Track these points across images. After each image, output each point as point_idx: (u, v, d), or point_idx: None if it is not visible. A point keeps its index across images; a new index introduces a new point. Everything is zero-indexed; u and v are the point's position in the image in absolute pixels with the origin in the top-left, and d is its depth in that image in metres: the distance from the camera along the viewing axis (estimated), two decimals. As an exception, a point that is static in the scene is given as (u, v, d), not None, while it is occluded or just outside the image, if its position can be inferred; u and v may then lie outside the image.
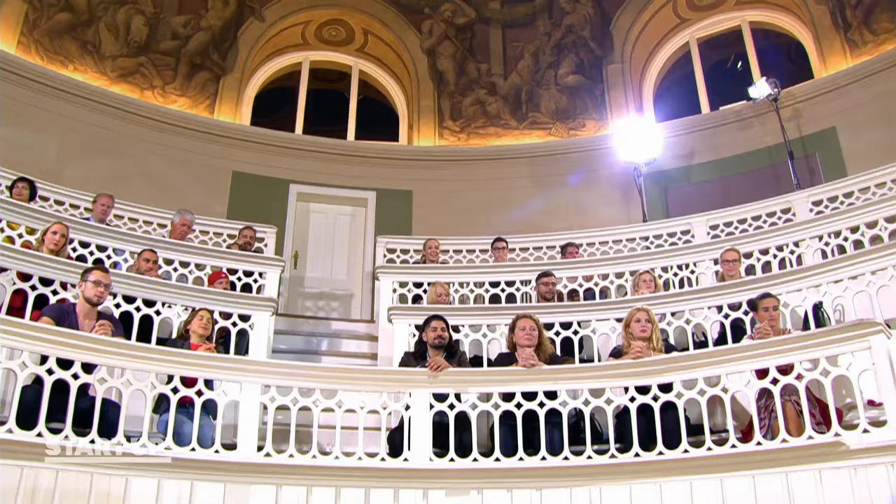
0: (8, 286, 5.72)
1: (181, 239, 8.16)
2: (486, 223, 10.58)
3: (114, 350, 4.67)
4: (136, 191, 9.52)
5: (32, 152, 9.61)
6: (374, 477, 4.77)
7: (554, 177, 11.39)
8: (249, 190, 10.85)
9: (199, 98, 11.52)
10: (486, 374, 5.41)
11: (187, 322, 5.77)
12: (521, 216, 10.88)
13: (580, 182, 11.25)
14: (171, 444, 4.57)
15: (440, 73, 12.40)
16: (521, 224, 10.49)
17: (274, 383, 4.90)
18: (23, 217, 7.07)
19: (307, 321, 9.46)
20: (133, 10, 11.33)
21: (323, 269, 10.91)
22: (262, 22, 12.15)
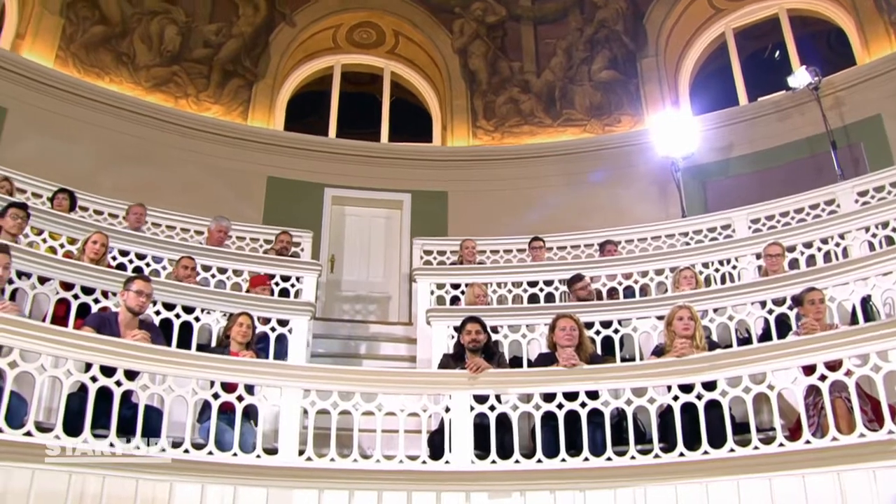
0: (51, 295, 5.79)
1: (218, 245, 8.22)
2: (521, 222, 10.51)
3: (155, 357, 4.71)
4: (172, 198, 9.62)
5: (71, 163, 9.76)
6: (415, 480, 4.74)
7: (589, 174, 11.29)
8: (285, 195, 10.90)
9: (232, 105, 11.61)
10: (526, 375, 5.36)
11: (227, 328, 5.79)
12: (558, 214, 10.78)
13: (616, 179, 11.13)
14: (214, 450, 4.59)
15: (472, 72, 12.35)
16: (558, 222, 10.38)
17: (314, 387, 4.90)
18: (64, 227, 7.17)
19: (345, 325, 9.52)
20: (165, 20, 11.46)
21: (359, 273, 10.93)
22: (292, 27, 12.21)
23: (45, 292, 5.78)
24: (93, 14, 11.01)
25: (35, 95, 10.05)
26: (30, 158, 9.32)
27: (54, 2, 10.71)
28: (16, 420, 4.15)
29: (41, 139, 9.81)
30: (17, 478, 4.00)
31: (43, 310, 5.79)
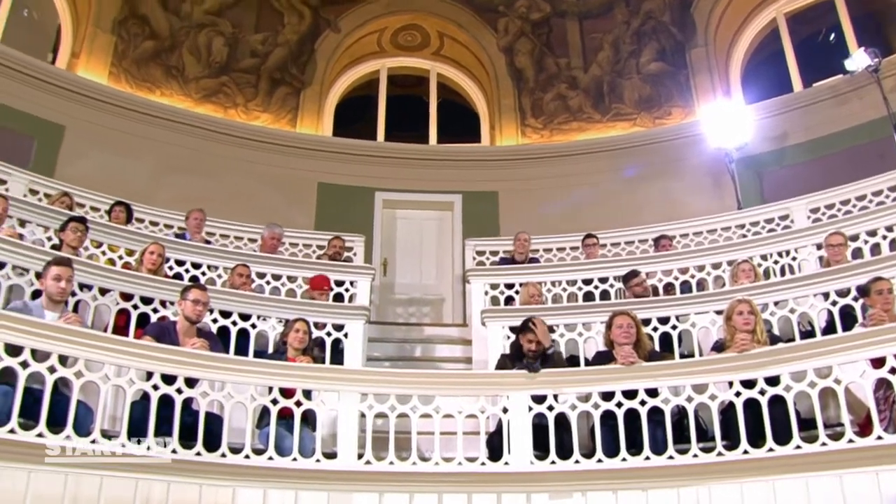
0: (112, 306, 5.92)
1: (272, 252, 8.29)
2: (573, 220, 10.38)
3: (214, 364, 4.78)
4: (224, 207, 9.73)
5: (126, 176, 9.97)
6: (475, 482, 4.72)
7: (641, 168, 11.13)
8: (335, 200, 10.97)
9: (280, 112, 11.74)
10: (583, 374, 5.29)
11: (284, 335, 5.85)
12: (610, 210, 10.64)
13: (668, 172, 10.96)
14: (274, 455, 4.63)
15: (519, 70, 12.29)
16: (610, 218, 10.24)
17: (371, 391, 4.92)
18: (122, 239, 7.32)
19: (399, 328, 9.57)
20: (213, 32, 11.65)
21: (412, 275, 10.95)
22: (337, 33, 12.30)
23: (105, 303, 5.91)
24: (143, 30, 11.26)
25: (91, 112, 10.30)
26: (87, 173, 9.56)
27: (106, 20, 10.99)
28: (83, 428, 4.25)
29: (98, 154, 10.04)
30: (86, 484, 4.09)
31: (104, 320, 5.92)
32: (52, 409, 4.14)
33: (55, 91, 10.12)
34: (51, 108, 10.02)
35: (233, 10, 11.84)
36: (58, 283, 4.91)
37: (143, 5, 11.30)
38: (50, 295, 4.92)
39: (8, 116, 9.63)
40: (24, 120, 9.77)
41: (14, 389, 4.08)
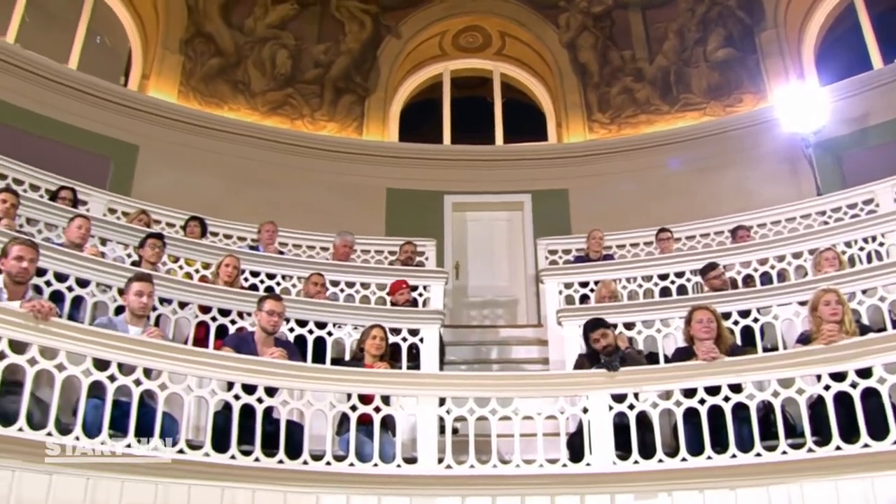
0: (191, 319, 6.04)
1: (344, 260, 8.36)
2: (646, 214, 10.17)
3: (293, 373, 4.85)
4: (295, 218, 9.82)
5: (198, 191, 10.19)
6: (557, 483, 4.67)
7: (713, 158, 10.86)
8: (405, 205, 11.00)
9: (346, 121, 11.85)
10: (664, 371, 5.16)
11: (360, 341, 5.88)
12: (683, 203, 10.40)
13: (742, 160, 10.66)
14: (355, 461, 4.66)
15: (583, 65, 12.14)
16: (684, 211, 10.01)
17: (449, 395, 4.92)
18: (198, 253, 7.48)
19: (474, 330, 9.52)
20: (276, 45, 11.83)
21: (485, 277, 10.90)
22: (398, 39, 12.35)
23: (185, 316, 6.02)
24: (209, 48, 11.52)
25: (162, 130, 10.58)
26: (162, 190, 9.79)
27: (173, 41, 11.27)
28: (169, 440, 4.35)
29: (171, 171, 10.29)
30: (174, 493, 4.19)
31: (184, 333, 6.03)
32: (139, 420, 4.25)
33: (128, 112, 10.43)
34: (125, 128, 10.33)
35: (294, 23, 12.01)
36: (140, 298, 5.04)
37: (208, 24, 11.55)
38: (133, 310, 5.05)
39: (85, 139, 9.96)
40: (100, 142, 10.09)
41: (103, 402, 4.20)
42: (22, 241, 4.76)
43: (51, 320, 4.14)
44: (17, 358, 3.99)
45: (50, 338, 4.12)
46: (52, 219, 6.97)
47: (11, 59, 9.66)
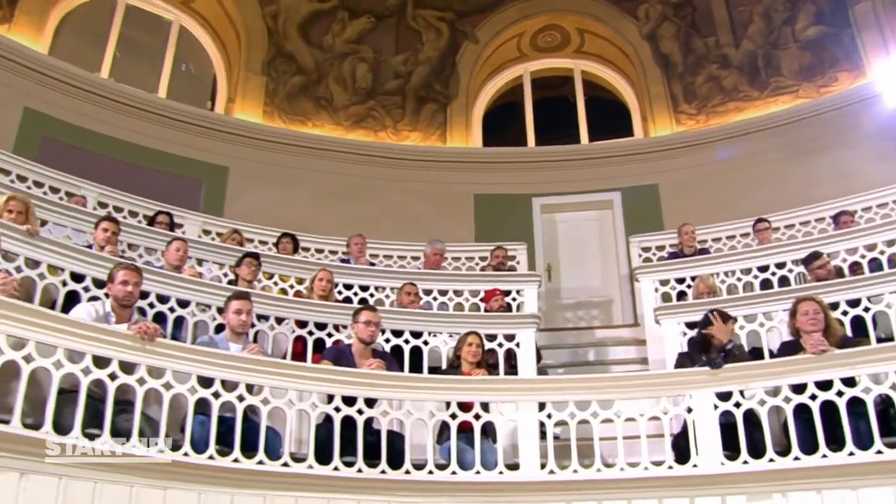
0: (288, 334, 6.13)
1: (435, 268, 8.37)
2: (740, 205, 9.83)
3: (391, 383, 4.89)
4: (384, 229, 9.90)
5: (287, 208, 10.36)
6: (664, 486, 4.58)
7: (809, 142, 10.42)
8: (493, 210, 10.94)
9: (429, 130, 11.89)
10: (770, 367, 4.95)
11: (457, 349, 5.87)
12: (778, 191, 10.04)
13: (840, 142, 10.20)
14: (457, 469, 4.65)
15: (665, 56, 11.86)
16: (780, 199, 9.65)
17: (549, 399, 4.88)
18: (291, 269, 7.59)
19: (569, 333, 9.42)
20: (355, 59, 11.97)
21: (577, 278, 10.73)
22: (476, 44, 12.32)
23: (282, 332, 6.12)
24: (290, 67, 11.73)
25: (250, 151, 10.83)
26: (252, 209, 10.04)
27: (256, 62, 11.54)
28: (273, 452, 4.45)
29: (260, 190, 10.52)
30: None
31: (282, 348, 6.13)
32: (243, 435, 4.35)
33: (217, 135, 10.73)
34: (215, 151, 10.63)
35: (372, 36, 12.12)
36: (239, 315, 5.15)
37: (288, 43, 11.77)
38: (232, 328, 5.17)
39: (178, 164, 10.32)
40: (192, 166, 10.43)
41: (209, 419, 4.32)
42: (126, 266, 4.93)
43: (156, 341, 4.28)
44: (127, 378, 4.13)
45: (157, 358, 4.26)
46: (151, 243, 7.18)
47: (107, 94, 10.12)
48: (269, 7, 11.67)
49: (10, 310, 3.87)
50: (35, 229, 5.57)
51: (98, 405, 4.07)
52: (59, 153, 9.20)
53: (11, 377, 3.90)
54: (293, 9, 11.79)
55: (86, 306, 4.84)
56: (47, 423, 3.81)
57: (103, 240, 6.26)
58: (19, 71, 9.51)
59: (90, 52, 10.84)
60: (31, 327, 3.89)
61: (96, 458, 3.88)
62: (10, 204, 5.76)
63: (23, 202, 5.87)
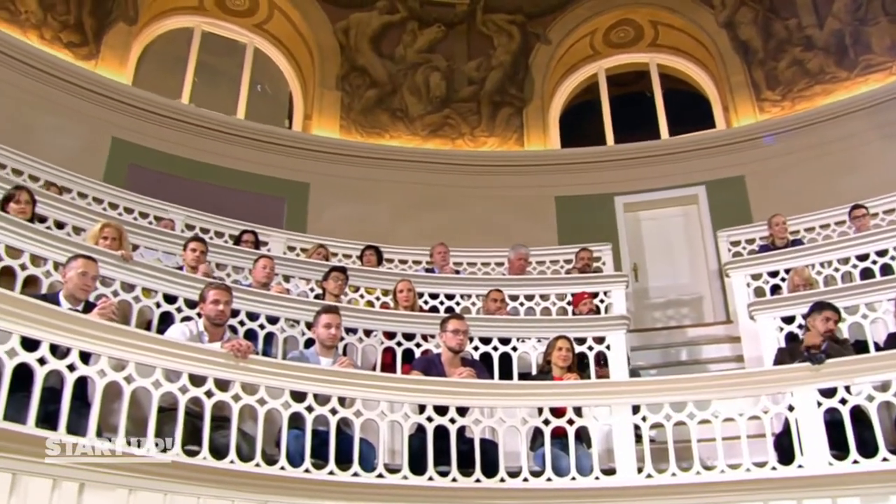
0: (377, 346, 6.16)
1: (520, 273, 8.29)
2: (833, 192, 9.43)
3: (482, 391, 4.86)
4: (466, 236, 9.91)
5: (369, 220, 10.49)
6: (769, 488, 4.42)
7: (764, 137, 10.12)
8: (575, 212, 10.80)
9: (506, 134, 11.83)
10: (878, 360, 4.72)
11: (546, 354, 5.81)
12: (873, 175, 9.58)
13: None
14: (552, 476, 4.59)
15: (744, 43, 11.48)
16: (876, 184, 9.17)
17: (643, 401, 4.77)
18: (376, 281, 7.63)
19: (660, 333, 9.24)
20: (428, 68, 12.00)
21: (665, 277, 10.52)
22: (548, 45, 12.20)
23: (371, 343, 6.16)
24: (364, 80, 11.83)
25: (329, 166, 10.96)
26: (334, 223, 10.20)
27: (330, 79, 11.69)
28: (367, 464, 4.46)
29: (341, 204, 10.67)
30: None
31: (371, 360, 6.18)
32: (338, 448, 4.38)
33: (296, 153, 10.92)
34: (295, 168, 10.82)
35: (443, 44, 12.14)
36: (328, 329, 5.19)
37: (361, 57, 11.88)
38: (322, 341, 5.21)
39: (260, 183, 10.54)
40: (273, 184, 10.63)
41: (303, 432, 4.36)
42: (217, 286, 5.04)
43: (249, 358, 4.35)
44: (222, 395, 4.21)
45: (250, 374, 4.33)
46: (238, 262, 7.35)
47: (188, 119, 10.46)
48: (339, 23, 11.83)
49: (110, 333, 4.00)
50: (129, 254, 5.77)
51: (196, 422, 4.17)
52: (145, 179, 9.56)
53: (114, 397, 4.03)
54: (364, 23, 11.92)
55: (180, 326, 4.98)
56: (149, 440, 3.91)
57: (193, 260, 6.43)
58: (106, 103, 9.93)
59: (170, 80, 11.23)
60: (130, 349, 4.01)
61: (198, 474, 3.98)
62: (105, 231, 5.95)
63: (116, 229, 6.06)
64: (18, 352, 3.63)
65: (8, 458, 3.43)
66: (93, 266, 4.71)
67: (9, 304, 3.68)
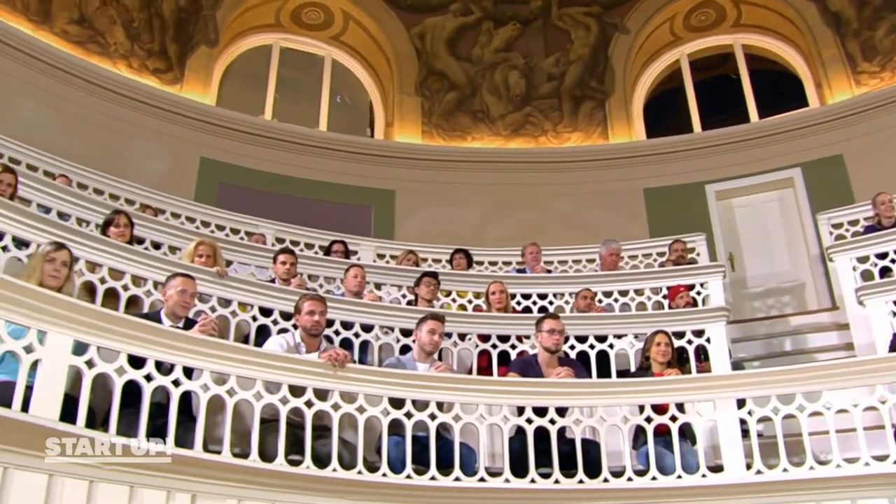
0: (472, 349, 6.14)
1: (612, 269, 8.15)
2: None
3: (582, 391, 4.80)
4: (555, 234, 9.79)
5: (456, 223, 10.51)
6: (891, 484, 4.19)
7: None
8: (665, 203, 10.59)
9: (589, 128, 11.67)
10: None
11: (644, 350, 5.68)
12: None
13: None
14: (657, 474, 4.49)
15: (835, 14, 10.96)
16: None
17: (748, 395, 4.61)
18: (467, 284, 7.60)
19: (761, 323, 8.94)
20: (506, 67, 11.94)
21: (763, 265, 10.16)
22: (627, 34, 11.98)
23: (466, 347, 6.15)
24: (443, 84, 11.87)
25: (414, 172, 11.03)
26: (421, 228, 10.30)
27: (409, 85, 11.77)
28: (469, 468, 4.44)
29: (427, 209, 10.74)
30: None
31: (467, 364, 6.16)
32: (438, 453, 4.38)
33: (380, 161, 11.02)
34: (380, 176, 10.91)
35: (520, 42, 12.06)
36: (432, 336, 5.18)
37: (438, 62, 11.92)
38: (423, 346, 5.21)
39: (346, 193, 10.70)
40: (359, 193, 10.77)
41: (403, 439, 4.38)
42: (312, 297, 5.10)
43: (347, 367, 4.39)
44: (322, 405, 4.26)
45: (348, 383, 4.36)
46: (329, 272, 7.44)
47: (272, 134, 10.71)
48: (414, 28, 11.90)
49: (212, 348, 4.09)
50: (223, 270, 5.90)
51: (297, 432, 4.23)
52: (234, 196, 9.83)
53: (217, 411, 4.13)
54: (439, 26, 11.96)
55: (277, 339, 5.05)
56: (254, 451, 3.98)
57: (284, 272, 6.54)
58: (193, 125, 10.27)
59: (253, 98, 11.52)
60: (231, 363, 4.09)
61: (302, 482, 4.03)
62: (200, 249, 6.10)
63: (210, 246, 6.21)
64: (126, 369, 3.75)
65: (124, 472, 3.52)
66: (191, 283, 4.84)
67: (115, 324, 3.80)
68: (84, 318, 3.68)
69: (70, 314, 3.62)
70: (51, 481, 3.30)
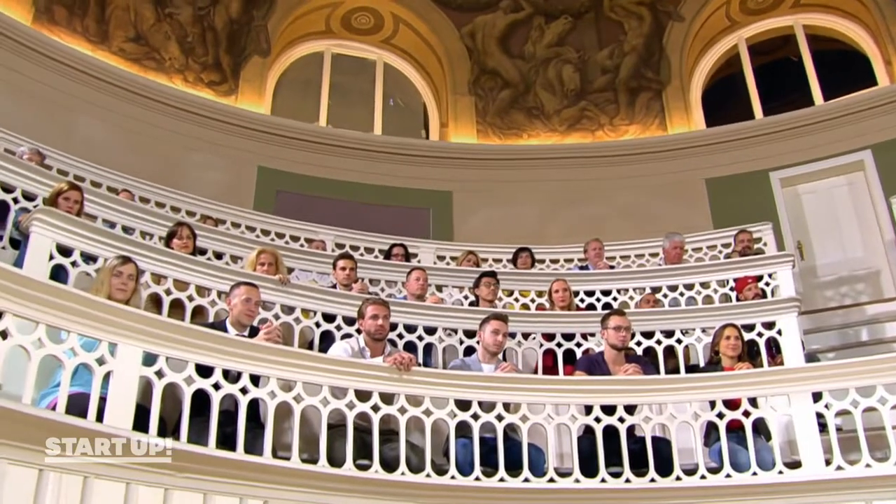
0: (537, 348, 6.11)
1: (677, 262, 8.01)
2: None
3: (651, 387, 4.71)
4: (616, 229, 9.72)
5: (515, 222, 10.49)
6: None
7: None
8: (728, 192, 10.36)
9: (647, 120, 11.51)
10: None
11: (714, 344, 5.56)
12: None
13: None
14: (731, 472, 4.40)
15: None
16: None
17: (825, 388, 4.48)
18: (530, 283, 7.54)
19: (834, 313, 8.72)
20: (559, 62, 11.86)
21: (833, 252, 9.89)
22: (681, 22, 11.75)
23: (531, 347, 6.12)
24: (496, 83, 11.84)
25: (471, 171, 11.02)
26: (480, 229, 10.30)
27: (462, 84, 11.76)
28: (537, 469, 4.40)
29: (485, 209, 10.72)
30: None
31: (531, 364, 6.13)
32: (506, 454, 4.35)
33: (437, 162, 11.04)
34: (436, 178, 10.94)
35: (572, 35, 11.96)
36: (496, 336, 5.15)
37: (490, 60, 11.89)
38: (487, 347, 5.17)
39: (403, 196, 10.76)
40: (416, 195, 10.82)
41: (471, 441, 4.35)
42: (375, 301, 5.12)
43: (412, 370, 4.38)
44: (388, 409, 4.26)
45: (414, 386, 4.36)
46: (390, 275, 7.45)
47: (327, 140, 10.82)
48: (465, 28, 11.88)
49: (278, 355, 4.13)
50: (285, 278, 5.96)
51: (364, 437, 4.24)
52: (293, 203, 9.98)
53: (284, 417, 4.17)
54: (489, 24, 11.92)
55: (342, 344, 5.07)
56: (322, 457, 4.01)
57: (344, 277, 6.55)
58: (249, 134, 10.43)
59: (306, 105, 11.67)
60: (297, 369, 4.13)
61: (370, 487, 4.04)
62: (261, 257, 6.17)
63: (271, 254, 6.27)
64: (195, 378, 3.81)
65: (197, 479, 3.57)
66: (255, 292, 4.89)
67: (183, 335, 3.86)
68: (153, 329, 3.75)
69: (139, 326, 3.70)
70: (128, 489, 3.36)
